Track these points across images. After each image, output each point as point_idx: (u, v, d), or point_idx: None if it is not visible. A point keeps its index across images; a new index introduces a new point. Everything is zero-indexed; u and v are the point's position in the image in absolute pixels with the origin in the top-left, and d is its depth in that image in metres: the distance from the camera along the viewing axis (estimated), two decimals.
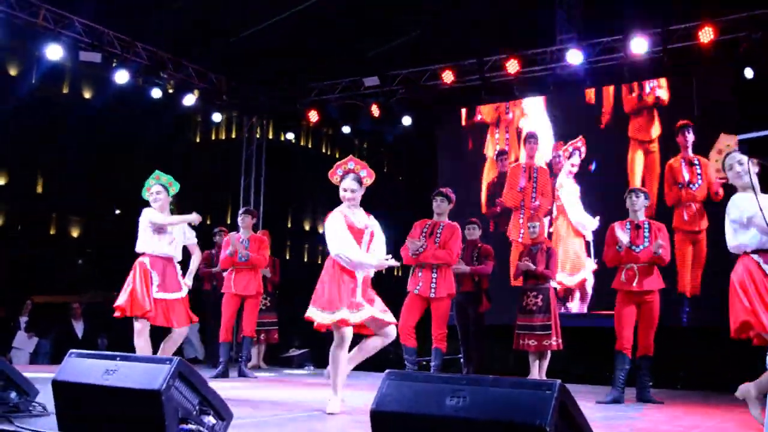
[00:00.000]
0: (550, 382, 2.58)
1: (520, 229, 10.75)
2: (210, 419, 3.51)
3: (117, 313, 5.73)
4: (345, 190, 5.13)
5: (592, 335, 9.00)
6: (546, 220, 10.22)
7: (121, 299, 5.69)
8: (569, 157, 10.41)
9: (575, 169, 10.33)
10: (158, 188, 6.00)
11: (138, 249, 5.88)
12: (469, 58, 10.07)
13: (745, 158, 4.23)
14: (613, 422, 4.94)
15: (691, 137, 9.15)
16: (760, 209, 3.58)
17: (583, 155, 10.30)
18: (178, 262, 6.05)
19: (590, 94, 10.14)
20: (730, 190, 4.58)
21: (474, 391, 2.71)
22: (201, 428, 3.41)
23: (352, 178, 5.14)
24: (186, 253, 6.22)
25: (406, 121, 10.99)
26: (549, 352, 7.44)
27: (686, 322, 8.98)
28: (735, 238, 4.40)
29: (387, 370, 2.96)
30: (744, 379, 4.37)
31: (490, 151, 11.13)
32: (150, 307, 5.64)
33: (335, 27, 9.86)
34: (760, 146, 2.53)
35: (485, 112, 11.14)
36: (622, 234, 6.49)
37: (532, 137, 10.96)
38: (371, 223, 5.22)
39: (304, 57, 10.51)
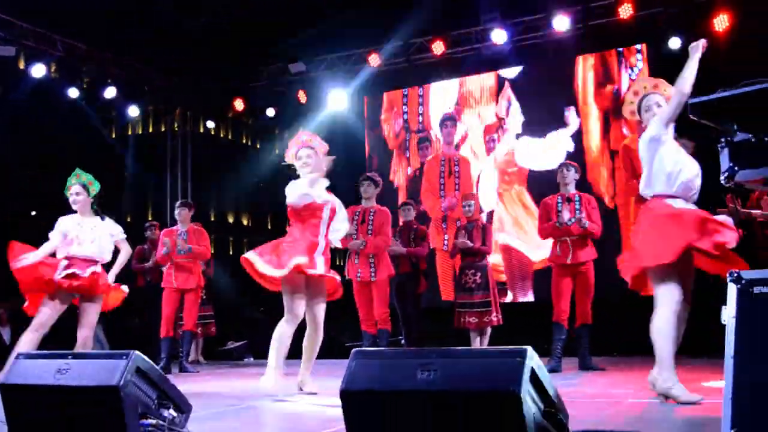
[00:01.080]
0: (520, 350, 2.62)
1: (444, 236, 10.39)
2: (170, 412, 3.44)
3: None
4: (299, 159, 5.11)
5: (530, 309, 9.19)
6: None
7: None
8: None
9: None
10: (78, 188, 5.83)
11: (59, 256, 5.73)
12: (396, 40, 10.09)
13: (662, 100, 4.19)
14: (564, 389, 5.04)
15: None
16: None
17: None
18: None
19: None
20: None
21: (444, 363, 2.73)
22: (161, 422, 3.35)
23: (306, 148, 5.13)
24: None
25: (332, 107, 10.92)
26: (489, 328, 7.57)
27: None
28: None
29: (354, 350, 2.96)
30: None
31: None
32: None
33: (257, 14, 9.68)
34: (710, 110, 2.62)
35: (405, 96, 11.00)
36: (563, 210, 6.65)
37: (449, 119, 10.73)
38: (332, 199, 5.22)
39: (228, 45, 10.30)
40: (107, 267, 5.92)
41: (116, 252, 6.05)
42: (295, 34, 10.03)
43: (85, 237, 5.74)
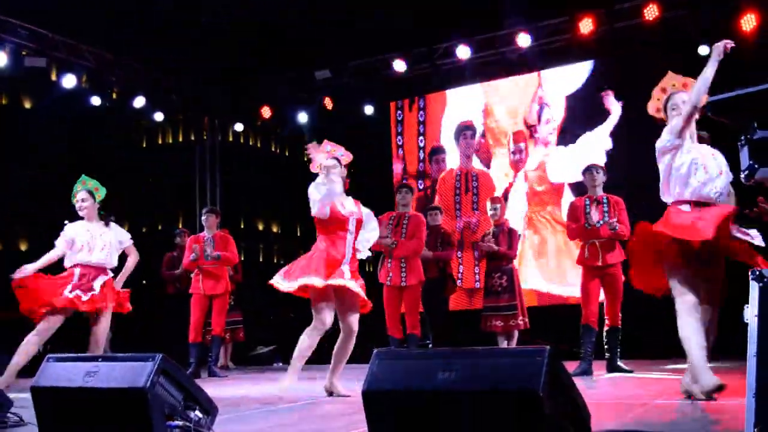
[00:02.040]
0: (540, 349, 2.62)
1: (458, 266, 9.73)
2: (196, 414, 3.49)
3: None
4: (324, 169, 5.14)
5: (558, 312, 9.13)
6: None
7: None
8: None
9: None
10: (84, 195, 5.90)
11: (67, 264, 5.83)
12: (420, 46, 10.10)
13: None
14: (591, 391, 5.03)
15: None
16: None
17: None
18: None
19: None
20: None
21: (465, 363, 2.74)
22: (188, 423, 3.39)
23: (332, 159, 5.21)
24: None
25: (359, 113, 10.93)
26: (516, 332, 7.54)
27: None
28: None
29: (375, 350, 2.98)
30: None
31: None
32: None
33: (283, 21, 9.77)
34: (729, 108, 2.60)
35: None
36: (592, 211, 6.62)
37: (467, 129, 10.30)
38: (359, 211, 5.26)
39: (255, 53, 10.41)
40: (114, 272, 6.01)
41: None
42: (321, 41, 10.09)
43: (95, 244, 5.79)
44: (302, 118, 11.10)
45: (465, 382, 2.70)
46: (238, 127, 11.84)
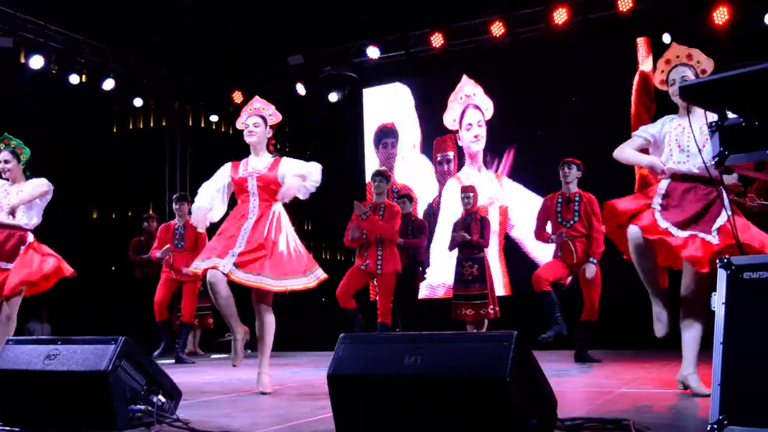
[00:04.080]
0: (507, 334, 2.60)
1: None
2: (159, 398, 3.43)
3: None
4: (246, 127, 4.89)
5: (528, 301, 9.14)
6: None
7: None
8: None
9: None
10: (6, 155, 5.54)
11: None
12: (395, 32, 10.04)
13: (692, 74, 4.03)
14: (558, 379, 5.04)
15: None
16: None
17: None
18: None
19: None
20: None
21: (432, 348, 2.72)
22: (150, 408, 3.34)
23: (255, 115, 4.93)
24: None
25: (331, 100, 10.83)
26: (486, 321, 7.55)
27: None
28: None
29: (342, 334, 2.95)
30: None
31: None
32: None
33: (256, 5, 9.62)
34: (700, 93, 2.59)
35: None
36: (562, 211, 6.58)
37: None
38: (264, 166, 4.84)
39: (226, 38, 10.27)
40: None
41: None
42: (294, 27, 9.98)
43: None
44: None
45: (432, 367, 2.67)
46: (213, 118, 11.69)
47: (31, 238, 5.54)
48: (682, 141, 3.92)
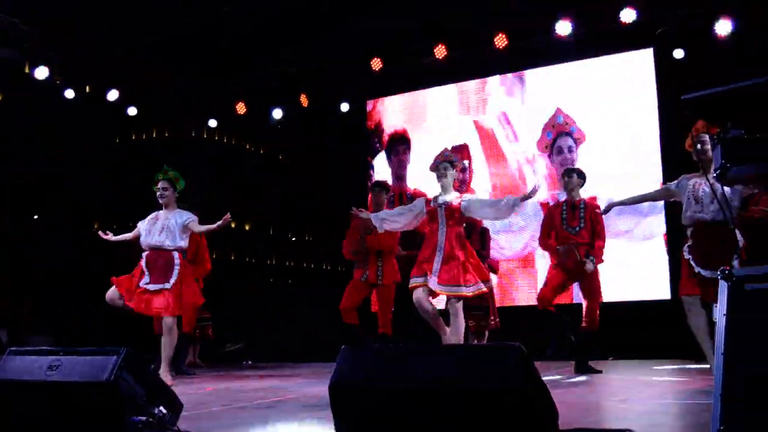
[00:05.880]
0: (511, 346, 2.60)
1: None
2: (160, 409, 3.43)
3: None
4: (438, 170, 5.72)
5: (530, 312, 9.14)
6: None
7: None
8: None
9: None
10: (164, 184, 6.17)
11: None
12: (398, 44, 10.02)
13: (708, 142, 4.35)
14: (559, 390, 5.03)
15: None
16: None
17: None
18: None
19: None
20: None
21: (437, 360, 2.71)
22: (151, 419, 3.33)
23: (443, 165, 5.72)
24: None
25: (335, 110, 10.81)
26: (487, 332, 7.53)
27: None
28: None
29: (344, 346, 2.94)
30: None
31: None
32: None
33: (259, 16, 9.61)
34: (703, 106, 2.60)
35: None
36: (567, 218, 6.61)
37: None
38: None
39: (231, 48, 10.25)
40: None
41: None
42: (299, 37, 9.97)
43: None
44: (276, 114, 10.96)
45: (438, 379, 2.66)
46: (212, 123, 11.67)
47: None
48: None
